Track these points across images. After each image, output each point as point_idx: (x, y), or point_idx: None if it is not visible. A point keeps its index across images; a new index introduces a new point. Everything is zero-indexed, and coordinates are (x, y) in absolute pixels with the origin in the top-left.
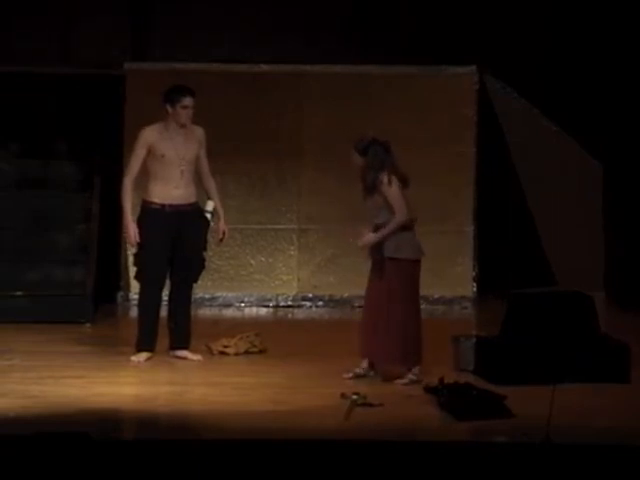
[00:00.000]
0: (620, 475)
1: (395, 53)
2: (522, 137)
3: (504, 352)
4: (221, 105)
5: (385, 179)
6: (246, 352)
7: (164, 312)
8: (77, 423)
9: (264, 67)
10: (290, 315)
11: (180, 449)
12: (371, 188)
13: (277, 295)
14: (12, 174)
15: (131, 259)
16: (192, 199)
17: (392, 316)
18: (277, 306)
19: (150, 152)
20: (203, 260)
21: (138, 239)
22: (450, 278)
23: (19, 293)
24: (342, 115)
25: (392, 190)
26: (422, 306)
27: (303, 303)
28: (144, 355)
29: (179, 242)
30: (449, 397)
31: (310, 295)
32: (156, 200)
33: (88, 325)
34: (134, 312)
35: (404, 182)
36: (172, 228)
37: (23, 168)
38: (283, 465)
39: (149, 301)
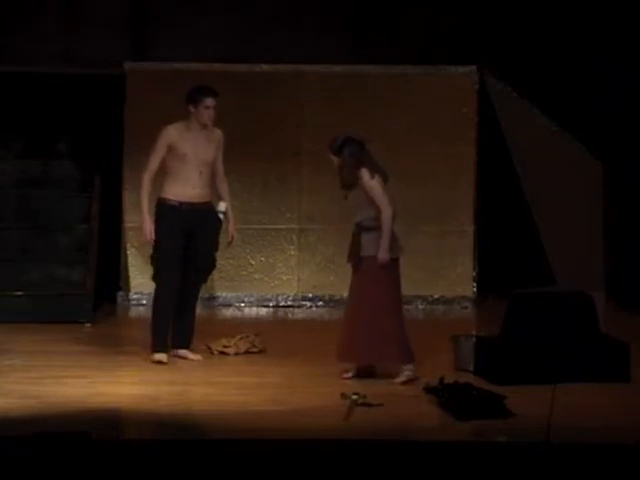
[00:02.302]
0: (620, 475)
1: (395, 53)
2: (522, 137)
3: (504, 352)
4: (221, 105)
5: (367, 175)
6: (246, 352)
7: None
8: (77, 423)
9: (264, 67)
10: (290, 315)
11: (180, 449)
12: (349, 185)
13: (277, 295)
14: (13, 174)
15: (131, 259)
16: (207, 198)
17: (373, 315)
18: (277, 306)
19: (170, 151)
20: (214, 260)
21: (154, 236)
22: (450, 278)
23: (19, 293)
24: (342, 115)
25: (374, 186)
26: (422, 306)
27: (303, 303)
28: (164, 355)
29: (192, 240)
30: (449, 397)
31: (310, 295)
32: (173, 198)
33: (88, 325)
34: (134, 312)
35: (384, 178)
36: (187, 226)
37: (24, 168)
38: (283, 465)
39: (167, 301)
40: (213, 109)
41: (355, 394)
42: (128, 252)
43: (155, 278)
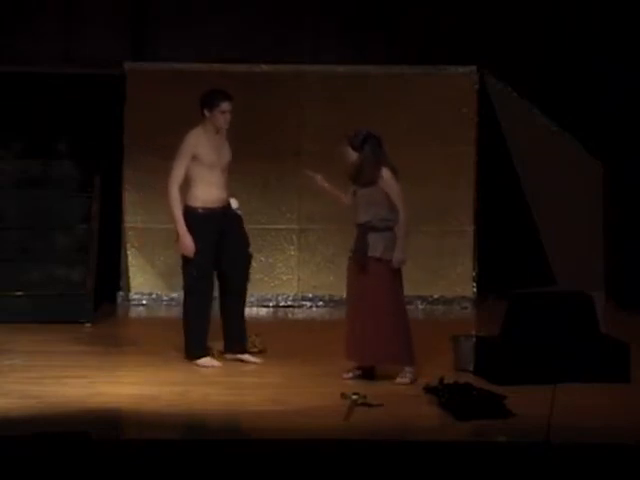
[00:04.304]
0: (620, 475)
1: (395, 53)
2: (522, 137)
3: (504, 352)
4: None
5: (388, 174)
6: None
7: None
8: (77, 423)
9: (264, 67)
10: (290, 315)
11: (180, 449)
12: (366, 183)
13: (277, 295)
14: (13, 174)
15: (131, 259)
16: (228, 199)
17: (378, 316)
18: (277, 306)
19: (195, 159)
20: (250, 256)
21: (194, 249)
22: (450, 278)
23: (19, 293)
24: (342, 115)
25: (396, 186)
26: (422, 306)
27: (303, 303)
28: (209, 359)
29: (224, 242)
30: (449, 397)
31: (310, 295)
32: (202, 205)
33: (88, 325)
34: (134, 312)
35: (397, 176)
36: (219, 229)
37: (24, 168)
38: (283, 465)
39: (206, 309)
40: (229, 113)
41: (355, 394)
42: (128, 252)
43: (190, 286)
